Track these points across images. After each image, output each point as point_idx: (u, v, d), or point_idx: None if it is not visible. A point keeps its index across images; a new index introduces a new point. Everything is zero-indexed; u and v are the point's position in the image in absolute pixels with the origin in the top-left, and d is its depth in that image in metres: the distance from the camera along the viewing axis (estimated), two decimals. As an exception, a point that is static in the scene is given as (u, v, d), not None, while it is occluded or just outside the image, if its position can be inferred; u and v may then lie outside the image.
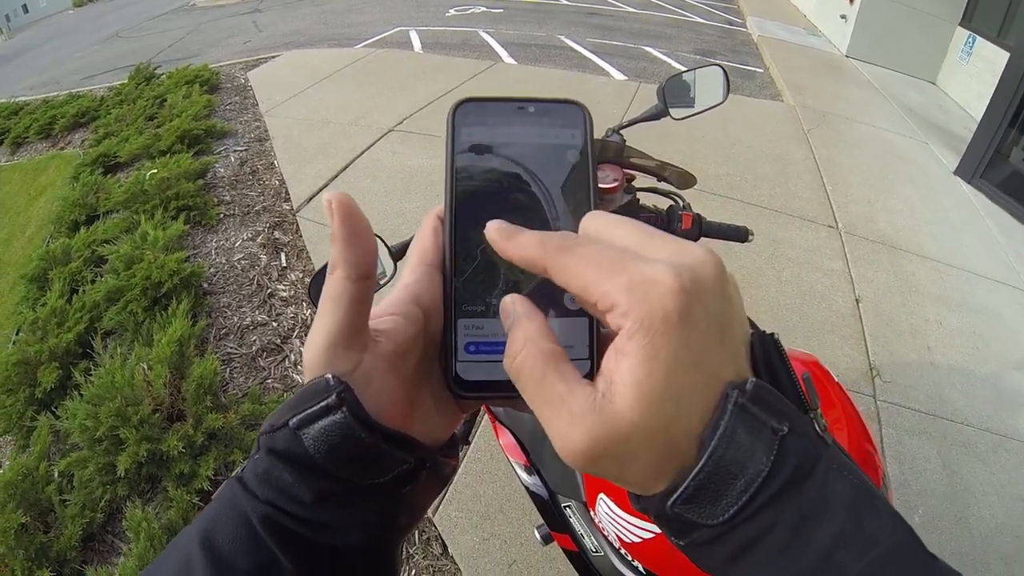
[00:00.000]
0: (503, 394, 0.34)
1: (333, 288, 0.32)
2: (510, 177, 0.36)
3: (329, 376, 0.31)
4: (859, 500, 0.27)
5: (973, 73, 7.27)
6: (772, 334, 0.31)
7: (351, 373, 0.32)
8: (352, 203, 0.32)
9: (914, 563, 0.27)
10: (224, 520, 0.31)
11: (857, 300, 3.46)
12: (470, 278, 0.35)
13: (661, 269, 0.27)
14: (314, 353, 0.32)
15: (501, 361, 0.34)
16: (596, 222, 0.32)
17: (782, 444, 0.27)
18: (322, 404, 0.30)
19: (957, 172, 5.34)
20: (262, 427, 0.33)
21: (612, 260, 0.28)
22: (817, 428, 0.29)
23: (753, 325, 0.40)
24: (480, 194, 0.36)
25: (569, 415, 0.28)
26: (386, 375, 0.33)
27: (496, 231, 0.32)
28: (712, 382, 0.27)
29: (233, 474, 0.33)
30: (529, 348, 0.30)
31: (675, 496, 0.28)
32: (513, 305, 0.32)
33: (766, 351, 0.30)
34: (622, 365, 0.27)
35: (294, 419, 0.31)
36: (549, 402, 0.29)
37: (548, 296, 0.34)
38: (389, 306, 0.36)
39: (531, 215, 0.35)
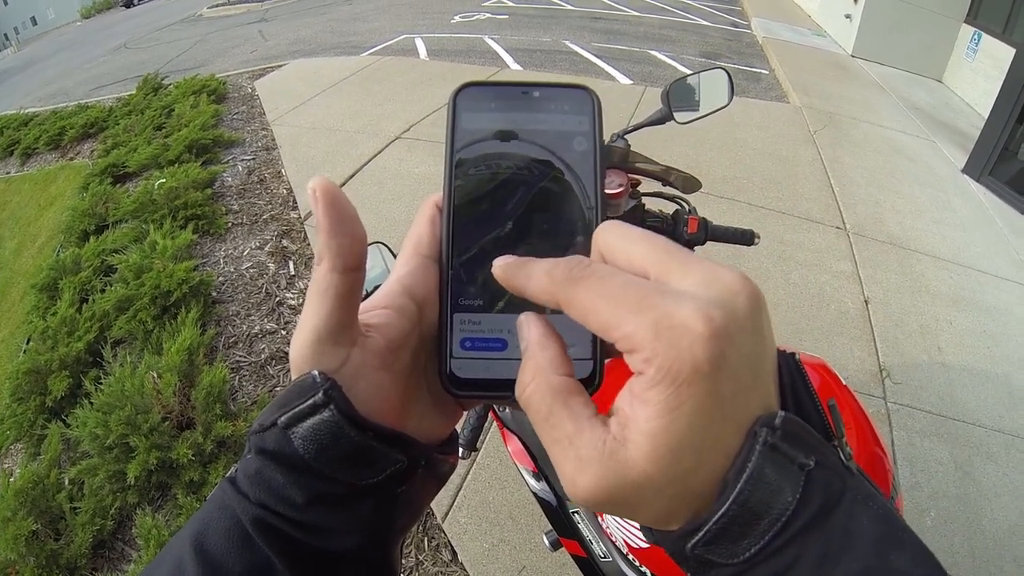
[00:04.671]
0: (500, 393, 0.33)
1: (319, 281, 0.31)
2: (513, 164, 0.34)
3: (315, 373, 0.30)
4: (884, 533, 0.25)
5: (979, 70, 7.24)
6: (793, 354, 0.30)
7: (339, 369, 0.31)
8: (336, 189, 0.30)
9: None
10: (216, 523, 0.30)
11: (866, 301, 3.44)
12: (468, 270, 0.33)
13: (690, 311, 0.24)
14: (300, 349, 0.31)
15: (499, 358, 0.33)
16: (611, 236, 0.30)
17: (808, 479, 0.25)
18: (309, 402, 0.29)
19: (965, 170, 5.31)
20: (252, 426, 0.31)
21: (633, 295, 0.26)
22: (842, 457, 0.27)
23: None
24: (481, 182, 0.34)
25: (576, 457, 0.26)
26: (377, 371, 0.32)
27: (502, 267, 0.30)
28: (739, 425, 0.26)
29: (225, 475, 0.32)
30: (538, 382, 0.28)
31: (696, 539, 0.26)
32: (528, 329, 0.30)
33: (791, 375, 0.29)
34: (639, 412, 0.25)
35: (282, 418, 0.29)
36: (557, 441, 0.27)
37: None
38: (381, 299, 0.34)
39: (533, 205, 0.33)
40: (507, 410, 1.58)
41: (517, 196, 0.33)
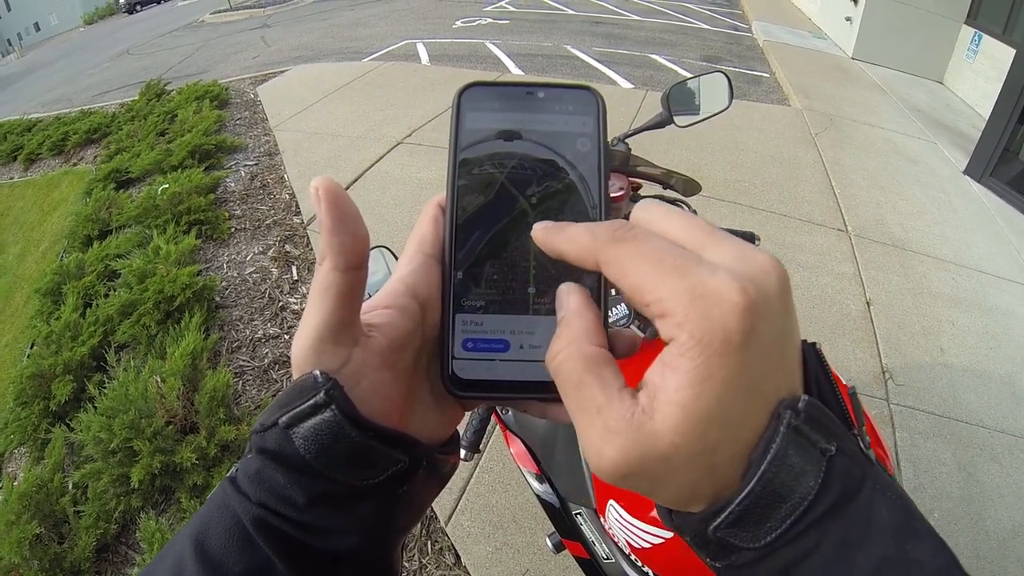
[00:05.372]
0: (502, 394, 0.33)
1: (321, 280, 0.30)
2: (517, 165, 0.34)
3: (317, 372, 0.30)
4: (902, 523, 0.25)
5: (980, 71, 7.24)
6: (814, 344, 0.30)
7: (340, 369, 0.30)
8: (339, 189, 0.30)
9: None
10: (216, 522, 0.30)
11: (868, 303, 3.44)
12: (470, 271, 0.33)
13: (726, 281, 0.25)
14: (302, 348, 0.31)
15: (501, 359, 0.33)
16: (649, 211, 0.30)
17: (830, 465, 0.25)
18: (310, 402, 0.29)
19: (966, 171, 5.31)
20: (253, 426, 0.31)
21: (672, 260, 0.26)
22: (861, 446, 0.27)
23: None
24: (485, 182, 0.34)
25: (604, 427, 0.26)
26: (379, 371, 0.32)
27: (543, 228, 0.31)
28: (765, 403, 0.26)
29: (227, 474, 0.32)
30: (571, 349, 0.28)
31: (719, 520, 0.26)
32: (568, 297, 0.31)
33: (813, 364, 0.29)
34: (669, 381, 0.25)
35: (284, 417, 0.29)
36: (585, 410, 0.27)
37: (554, 284, 0.32)
38: (383, 298, 0.34)
39: (537, 205, 0.33)
40: (510, 412, 1.58)
41: (521, 196, 0.33)
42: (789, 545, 0.25)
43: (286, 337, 3.24)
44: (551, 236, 0.30)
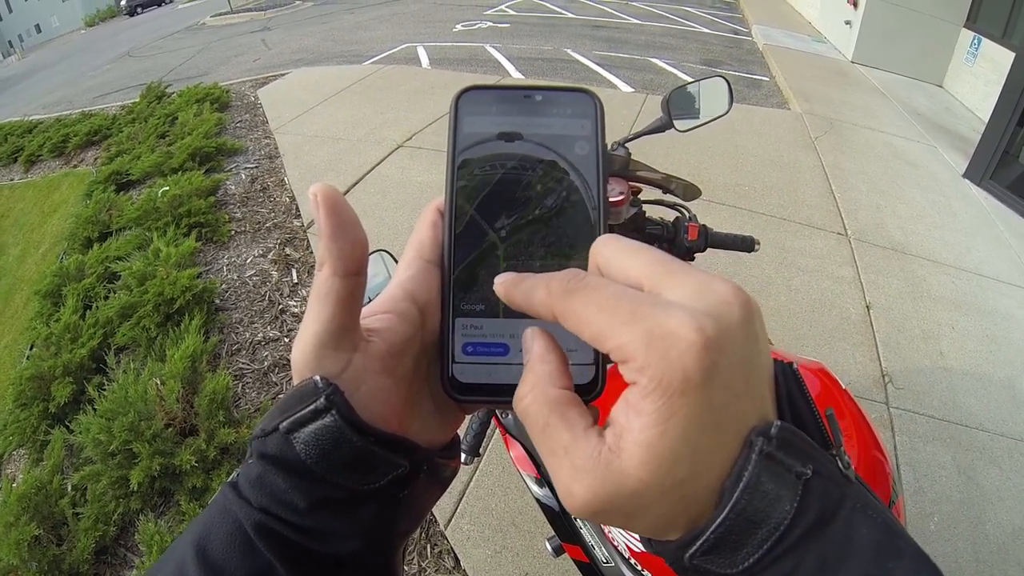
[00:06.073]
0: (502, 398, 0.33)
1: (320, 285, 0.31)
2: (515, 168, 0.34)
3: (317, 378, 0.30)
4: (883, 542, 0.25)
5: (979, 74, 7.26)
6: (791, 364, 0.30)
7: (340, 374, 0.31)
8: (338, 195, 0.31)
9: None
10: (218, 527, 0.30)
11: (868, 306, 3.44)
12: (470, 275, 0.33)
13: (682, 320, 0.24)
14: (302, 353, 0.31)
15: (501, 363, 0.33)
16: (609, 247, 0.30)
17: (806, 488, 0.25)
18: (311, 407, 0.29)
19: (966, 175, 5.32)
20: (254, 431, 0.31)
21: (626, 305, 0.26)
22: (840, 466, 0.27)
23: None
24: (482, 186, 0.34)
25: (572, 466, 0.27)
26: (379, 376, 0.32)
27: (502, 283, 0.31)
28: (734, 434, 0.26)
29: (228, 479, 0.32)
30: (535, 393, 0.29)
31: (694, 548, 0.26)
32: (532, 342, 0.31)
33: (788, 386, 0.29)
34: (633, 422, 0.25)
35: (284, 423, 0.29)
36: (553, 451, 0.28)
37: None
38: (383, 304, 0.34)
39: (534, 209, 0.33)
40: (509, 416, 1.58)
41: (519, 200, 0.33)
42: (767, 570, 0.26)
43: (286, 340, 3.24)
44: (509, 291, 0.31)
